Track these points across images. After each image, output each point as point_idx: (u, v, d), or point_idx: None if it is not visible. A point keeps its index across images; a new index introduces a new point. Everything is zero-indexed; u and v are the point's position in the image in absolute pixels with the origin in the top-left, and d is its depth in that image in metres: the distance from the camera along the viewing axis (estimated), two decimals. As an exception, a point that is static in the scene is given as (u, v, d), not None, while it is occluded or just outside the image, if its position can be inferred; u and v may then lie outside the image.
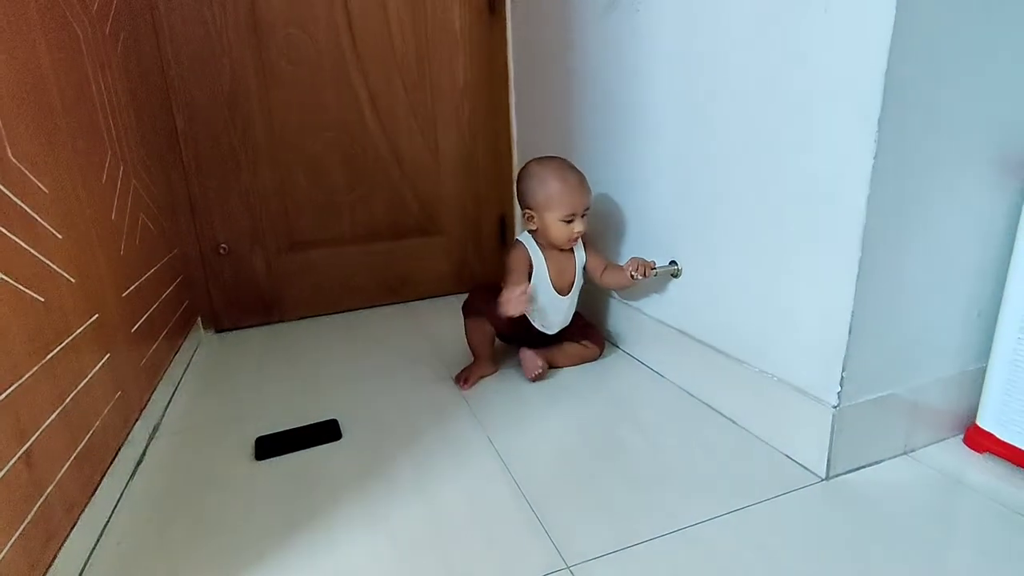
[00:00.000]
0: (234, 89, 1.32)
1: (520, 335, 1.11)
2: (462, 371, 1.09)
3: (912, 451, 0.81)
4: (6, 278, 0.59)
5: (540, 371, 1.05)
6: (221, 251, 1.41)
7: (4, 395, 0.56)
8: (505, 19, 1.49)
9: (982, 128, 0.71)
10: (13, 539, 0.54)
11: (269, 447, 0.90)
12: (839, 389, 0.73)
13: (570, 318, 1.14)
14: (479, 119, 1.55)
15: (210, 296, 1.43)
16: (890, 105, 0.63)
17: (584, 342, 1.13)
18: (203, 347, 1.36)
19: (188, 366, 1.24)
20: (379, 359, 1.22)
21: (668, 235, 1.02)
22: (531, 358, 1.05)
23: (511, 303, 0.95)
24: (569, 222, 1.02)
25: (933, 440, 0.83)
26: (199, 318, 1.42)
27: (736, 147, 0.85)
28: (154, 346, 1.05)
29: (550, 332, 1.12)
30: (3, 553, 0.52)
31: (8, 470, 0.54)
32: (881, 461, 0.79)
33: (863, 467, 0.78)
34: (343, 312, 1.54)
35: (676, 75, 0.95)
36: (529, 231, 1.08)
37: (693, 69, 0.91)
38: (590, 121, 1.22)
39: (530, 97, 1.48)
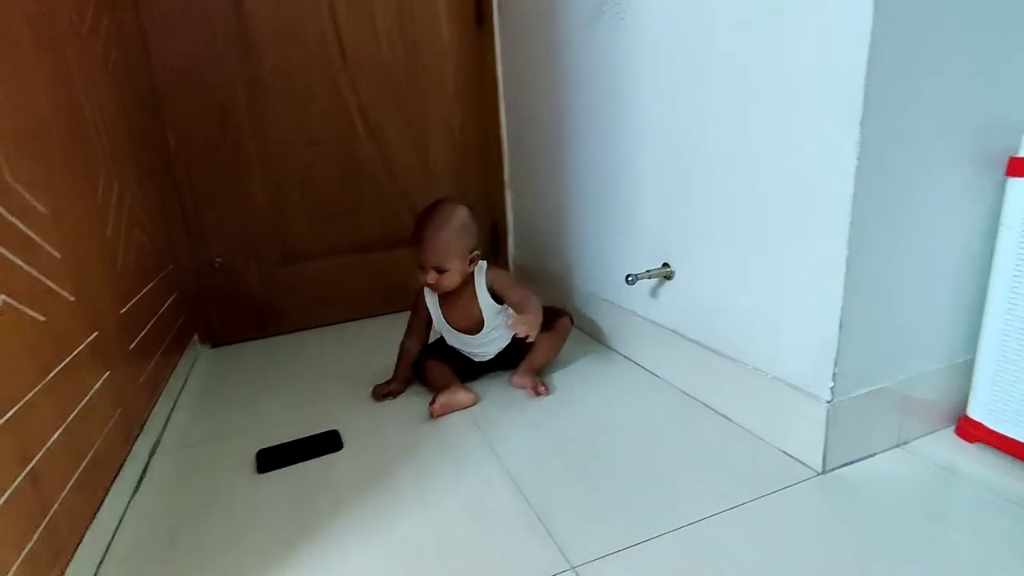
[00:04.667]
0: (224, 104, 1.33)
1: (468, 365, 1.12)
2: (439, 403, 1.00)
3: (905, 443, 0.83)
4: (8, 299, 0.60)
5: (532, 385, 1.05)
6: (216, 265, 1.41)
7: (8, 415, 0.56)
8: (493, 30, 1.51)
9: (963, 125, 0.73)
10: (20, 559, 0.54)
11: (270, 460, 0.90)
12: (832, 384, 0.75)
13: (503, 346, 1.11)
14: (469, 128, 1.57)
15: (205, 311, 1.43)
16: (872, 106, 0.65)
17: (554, 327, 1.10)
18: (200, 362, 1.36)
19: (186, 382, 1.24)
20: (376, 369, 1.22)
21: (660, 237, 1.04)
22: (518, 382, 1.08)
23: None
24: (423, 268, 1.02)
25: (925, 432, 0.84)
26: (195, 333, 1.42)
27: (724, 150, 0.86)
28: (152, 362, 1.05)
29: (484, 359, 1.12)
30: (11, 573, 0.52)
31: (14, 490, 0.55)
32: (875, 454, 0.81)
33: (858, 460, 0.79)
34: (338, 323, 1.55)
35: (662, 81, 0.96)
36: None
37: (678, 74, 0.93)
38: (579, 127, 1.23)
39: (520, 105, 1.50)
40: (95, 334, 0.81)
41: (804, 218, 0.75)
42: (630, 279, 1.01)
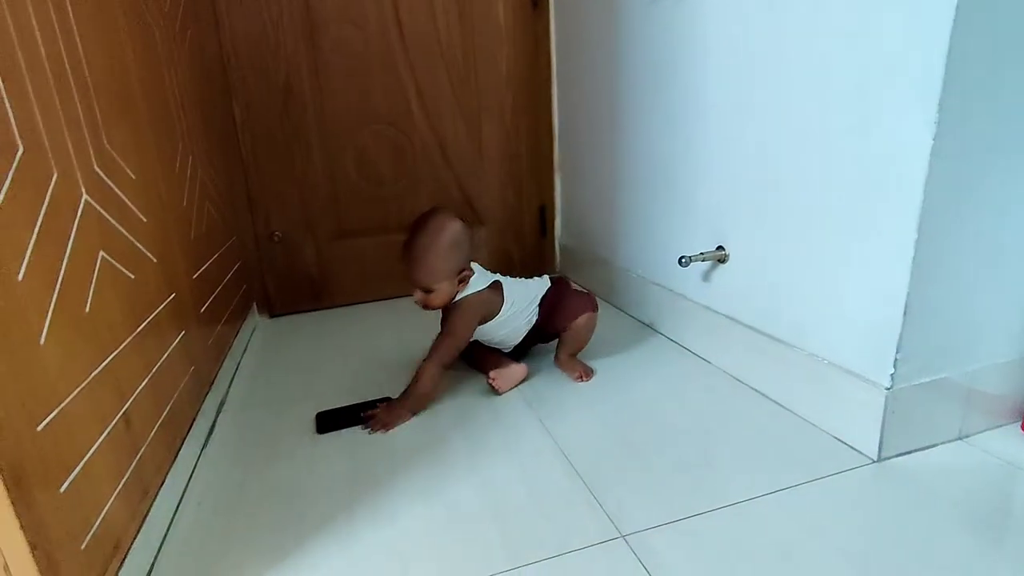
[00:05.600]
0: (288, 83, 1.38)
1: (486, 346, 1.11)
2: (494, 377, 1.02)
3: (967, 436, 0.80)
4: (106, 256, 0.65)
5: (576, 372, 1.05)
6: (275, 239, 1.47)
7: (108, 360, 0.61)
8: (548, 12, 1.51)
9: (1047, 108, 0.70)
10: (117, 490, 0.59)
11: (329, 422, 0.95)
12: (892, 371, 0.74)
13: (520, 338, 1.08)
14: (522, 111, 1.58)
15: (264, 282, 1.49)
16: (951, 85, 0.63)
17: (570, 327, 1.06)
18: (259, 330, 1.43)
19: (247, 347, 1.31)
20: (426, 343, 1.26)
21: (715, 220, 1.03)
22: (561, 366, 1.08)
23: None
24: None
25: (990, 426, 0.82)
26: (254, 303, 1.48)
27: (787, 131, 0.85)
28: (218, 327, 1.11)
29: (508, 350, 1.10)
30: (110, 502, 0.57)
31: (113, 428, 0.60)
32: (935, 445, 0.79)
33: (916, 450, 0.78)
34: (388, 299, 1.59)
35: (724, 61, 0.95)
36: None
37: (742, 54, 0.91)
38: (635, 109, 1.23)
39: (573, 88, 1.50)
40: (173, 295, 0.87)
41: (872, 200, 0.73)
42: (683, 261, 1.00)
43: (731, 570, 0.61)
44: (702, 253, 1.02)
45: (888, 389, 0.74)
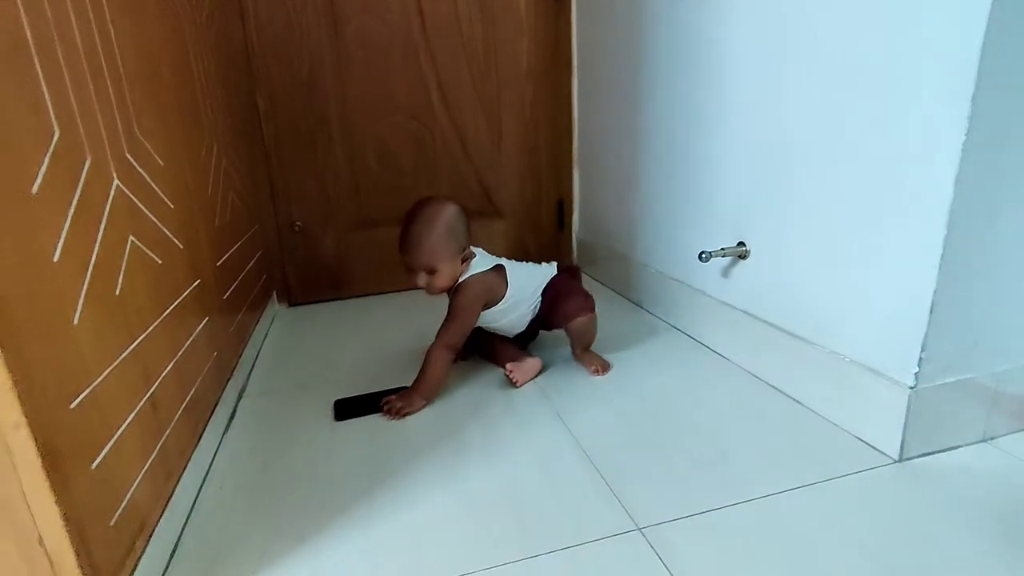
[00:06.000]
0: (312, 74, 1.39)
1: (499, 339, 1.11)
2: (511, 370, 1.02)
3: (993, 439, 0.79)
4: (135, 240, 0.66)
5: (593, 366, 1.05)
6: (295, 228, 1.49)
7: (136, 343, 0.62)
8: (570, 5, 1.50)
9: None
10: (144, 470, 0.61)
11: (347, 410, 0.96)
12: (916, 370, 0.72)
13: (524, 326, 1.09)
14: (542, 105, 1.58)
15: (284, 271, 1.51)
16: (986, 79, 0.62)
17: (569, 327, 1.06)
18: (278, 319, 1.44)
19: (267, 336, 1.33)
20: (443, 334, 1.27)
21: (736, 216, 1.02)
22: (579, 358, 1.08)
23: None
24: (412, 271, 0.99)
25: (1016, 428, 0.80)
26: (274, 292, 1.50)
27: (812, 125, 0.84)
28: (240, 314, 1.13)
29: (512, 335, 1.11)
30: (137, 482, 0.59)
31: (140, 410, 0.61)
32: (959, 447, 0.78)
33: (939, 451, 0.77)
34: (405, 290, 1.60)
35: (750, 55, 0.94)
36: None
37: (769, 47, 0.90)
38: (656, 103, 1.22)
39: (593, 81, 1.49)
40: (198, 282, 0.88)
41: (898, 196, 0.72)
42: (704, 256, 1.00)
43: (748, 565, 0.61)
44: (723, 249, 1.01)
45: (912, 388, 0.73)
